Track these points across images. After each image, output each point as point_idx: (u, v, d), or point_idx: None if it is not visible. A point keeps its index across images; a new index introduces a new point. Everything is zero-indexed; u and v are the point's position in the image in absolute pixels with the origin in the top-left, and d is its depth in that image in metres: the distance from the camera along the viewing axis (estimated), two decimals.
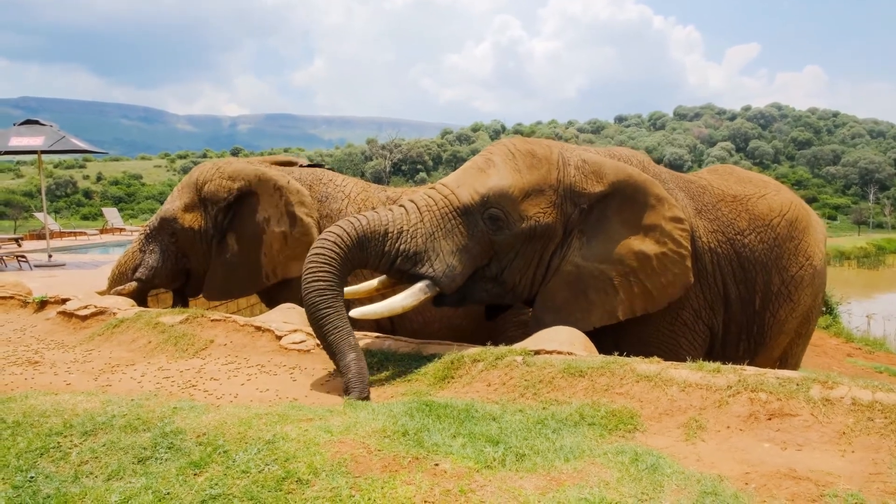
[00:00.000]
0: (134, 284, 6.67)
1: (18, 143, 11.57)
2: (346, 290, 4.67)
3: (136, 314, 5.85)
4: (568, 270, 4.91)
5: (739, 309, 5.45)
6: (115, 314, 5.94)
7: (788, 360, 5.96)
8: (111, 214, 27.16)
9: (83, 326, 5.92)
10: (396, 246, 4.57)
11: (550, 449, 2.92)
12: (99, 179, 67.27)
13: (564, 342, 4.29)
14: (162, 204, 6.98)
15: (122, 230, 24.70)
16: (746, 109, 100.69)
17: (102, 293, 6.89)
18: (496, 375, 3.99)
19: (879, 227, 69.14)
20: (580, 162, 4.98)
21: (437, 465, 2.72)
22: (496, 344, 4.48)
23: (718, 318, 5.41)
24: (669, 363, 3.82)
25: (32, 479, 2.80)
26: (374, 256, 4.55)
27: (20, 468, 2.90)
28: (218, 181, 6.55)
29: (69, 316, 6.11)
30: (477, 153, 5.32)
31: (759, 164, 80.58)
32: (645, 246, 4.92)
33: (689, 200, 5.42)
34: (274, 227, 6.35)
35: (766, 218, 5.52)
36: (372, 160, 78.48)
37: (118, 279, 6.85)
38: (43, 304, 6.63)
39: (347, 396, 3.97)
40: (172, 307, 6.69)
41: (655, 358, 3.90)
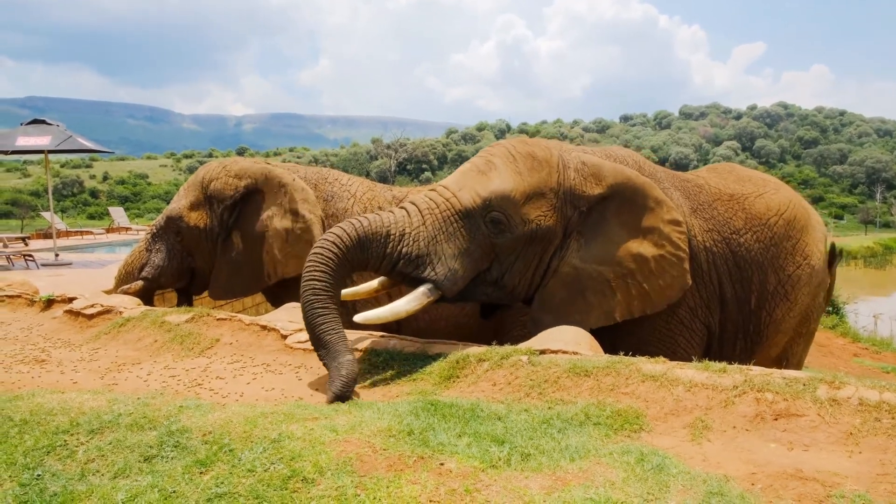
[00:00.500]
0: (140, 283, 6.69)
1: (25, 142, 11.61)
2: (346, 291, 4.69)
3: (142, 313, 5.86)
4: (566, 272, 4.91)
5: (735, 308, 5.45)
6: (121, 313, 5.95)
7: (789, 359, 5.94)
8: (117, 214, 27.28)
9: (89, 325, 5.93)
10: (399, 248, 4.55)
11: (556, 449, 2.92)
12: (105, 179, 67.49)
13: (570, 342, 4.28)
14: (168, 203, 6.99)
15: (128, 229, 24.80)
16: (752, 109, 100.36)
17: (109, 292, 6.91)
18: (501, 375, 3.99)
19: (886, 226, 68.87)
20: (579, 164, 4.99)
21: (442, 464, 2.72)
22: (501, 343, 4.48)
23: (715, 316, 5.41)
24: (675, 363, 3.81)
25: (39, 476, 2.81)
26: (374, 258, 4.53)
27: (27, 466, 2.91)
28: (224, 179, 6.56)
29: (76, 315, 6.12)
30: None
31: (765, 163, 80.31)
32: (643, 248, 4.93)
33: (684, 199, 5.42)
34: (276, 224, 6.35)
35: (762, 217, 5.51)
36: (377, 159, 78.53)
37: (125, 278, 6.86)
38: (49, 302, 6.66)
39: (330, 392, 3.89)
40: (177, 306, 6.70)
41: (661, 358, 3.89)
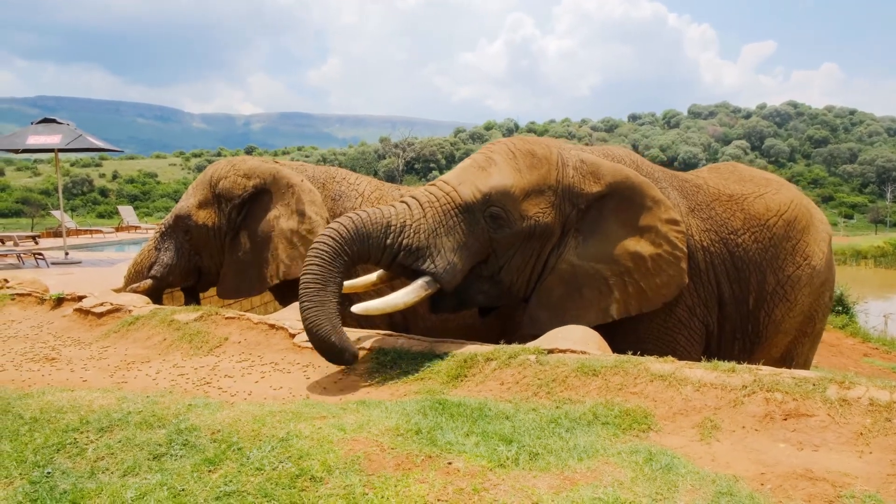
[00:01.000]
0: (149, 282, 6.72)
1: (36, 141, 11.68)
2: (347, 284, 4.73)
3: (151, 311, 5.89)
4: (563, 269, 4.95)
5: (733, 308, 5.45)
6: (130, 311, 5.98)
7: (794, 359, 5.90)
8: (126, 212, 27.39)
9: (99, 324, 5.96)
10: (399, 240, 4.58)
11: (564, 448, 2.92)
12: (115, 178, 67.81)
13: (578, 341, 4.27)
14: (177, 202, 7.02)
15: (137, 228, 24.91)
16: (762, 108, 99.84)
17: (118, 291, 6.95)
18: (509, 374, 3.98)
19: None
20: (578, 162, 5.02)
21: (450, 463, 2.72)
22: (509, 342, 4.47)
23: (713, 315, 5.41)
24: (683, 363, 3.80)
25: (49, 474, 2.83)
26: (375, 250, 4.56)
27: (37, 464, 2.93)
28: (233, 178, 6.58)
29: (85, 313, 6.16)
30: None
31: (774, 162, 79.91)
32: (640, 247, 4.96)
33: (682, 199, 5.43)
34: (283, 225, 6.36)
35: (761, 218, 5.49)
36: (385, 158, 78.60)
37: (134, 277, 6.90)
38: (59, 301, 6.69)
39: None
40: (185, 305, 6.73)
41: (669, 357, 3.88)
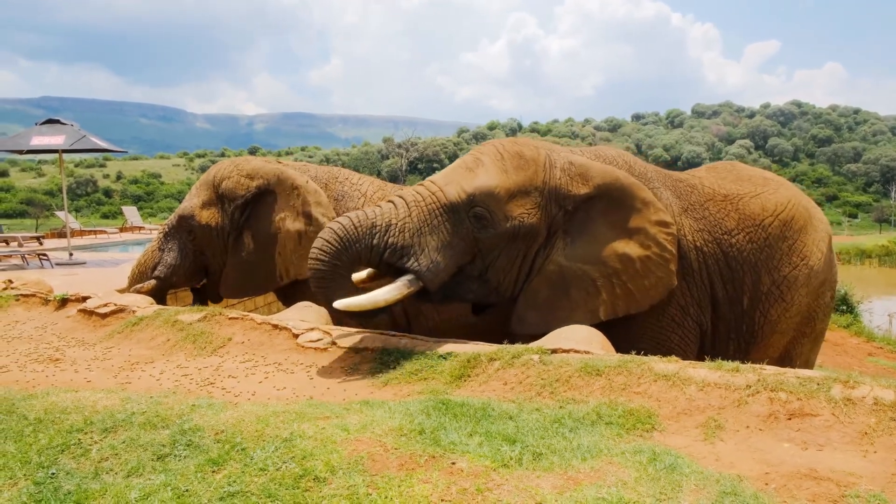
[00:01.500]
0: (153, 282, 6.73)
1: (40, 142, 11.71)
2: None
3: (155, 312, 5.90)
4: (551, 270, 4.97)
5: (728, 308, 5.43)
6: (134, 312, 5.99)
7: (794, 359, 5.85)
8: (130, 213, 27.44)
9: (103, 324, 5.97)
10: (385, 239, 4.70)
11: (567, 448, 2.91)
12: (119, 178, 67.95)
13: (581, 341, 4.27)
14: (180, 202, 7.03)
15: (141, 229, 24.96)
16: (766, 107, 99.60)
17: (122, 291, 6.96)
18: (513, 374, 3.98)
19: None
20: (567, 164, 5.04)
21: (453, 463, 2.72)
22: (513, 342, 4.47)
23: (707, 315, 5.40)
24: (687, 362, 3.79)
25: (53, 475, 2.84)
26: (364, 252, 4.70)
27: (41, 464, 2.94)
28: (236, 178, 6.59)
29: (89, 314, 6.17)
30: None
31: (778, 161, 79.74)
32: (629, 248, 4.96)
33: (675, 199, 5.42)
34: (289, 226, 6.36)
35: (756, 218, 5.46)
36: (388, 159, 78.59)
37: (138, 277, 6.91)
38: (64, 301, 6.71)
39: None
40: (193, 305, 6.74)
41: (673, 357, 3.87)
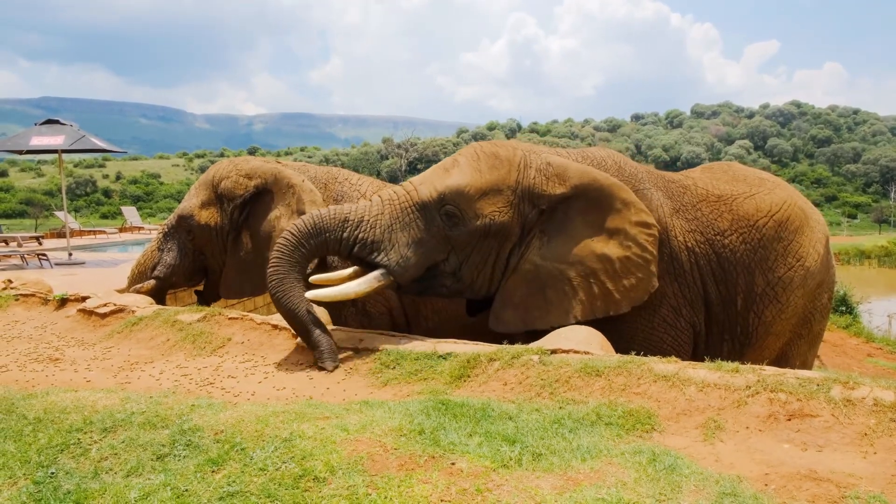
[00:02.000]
0: (152, 282, 6.72)
1: (39, 142, 11.71)
2: (318, 277, 5.03)
3: (154, 312, 5.90)
4: (526, 269, 5.01)
5: (721, 309, 5.42)
6: (133, 312, 5.99)
7: (790, 361, 5.81)
8: (130, 213, 27.44)
9: (103, 324, 5.97)
10: (355, 234, 4.88)
11: (567, 448, 2.91)
12: (118, 178, 67.93)
13: (581, 341, 4.27)
14: (180, 203, 7.03)
15: (140, 229, 24.96)
16: (765, 107, 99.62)
17: (121, 291, 6.96)
18: (512, 374, 3.98)
19: None
20: (544, 165, 5.08)
21: (453, 464, 2.72)
22: (512, 343, 4.47)
23: (700, 316, 5.39)
24: (687, 363, 3.79)
25: (53, 474, 2.84)
26: (332, 243, 4.89)
27: (41, 464, 2.94)
28: (235, 178, 6.59)
29: (89, 314, 6.17)
30: None
31: (777, 162, 79.78)
32: (608, 249, 4.97)
33: (666, 200, 5.42)
34: (283, 225, 6.36)
35: (751, 218, 5.45)
36: (388, 159, 78.57)
37: (137, 277, 6.90)
38: (63, 301, 6.71)
39: (320, 365, 4.58)
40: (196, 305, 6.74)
41: (673, 358, 3.88)
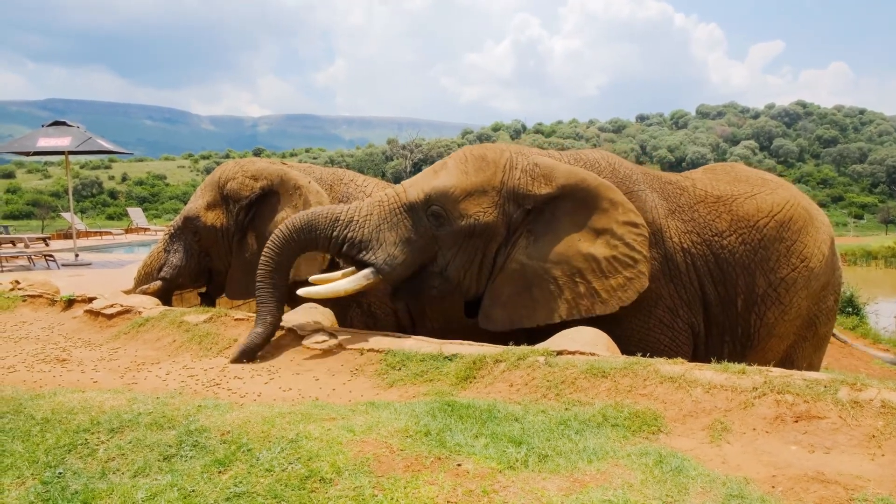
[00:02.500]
0: (158, 283, 6.74)
1: (46, 143, 11.75)
2: (314, 277, 5.33)
3: (160, 313, 5.92)
4: (513, 268, 5.08)
5: (720, 310, 5.39)
6: (140, 313, 6.01)
7: (795, 364, 5.75)
8: (136, 214, 27.53)
9: (109, 325, 6.00)
10: (344, 233, 5.08)
11: (573, 450, 2.91)
12: (124, 180, 68.06)
13: (587, 343, 4.27)
14: (185, 204, 7.05)
15: (146, 230, 25.03)
16: (770, 107, 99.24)
17: (128, 292, 6.98)
18: (518, 376, 3.98)
19: None
20: (530, 166, 5.15)
21: (459, 465, 2.72)
22: (518, 344, 4.47)
23: (698, 317, 5.37)
24: (693, 364, 3.79)
25: (61, 474, 2.85)
26: (322, 240, 5.11)
27: (49, 464, 2.95)
28: (240, 180, 6.60)
29: (96, 314, 6.19)
30: None
31: (783, 162, 79.50)
32: (594, 248, 5.00)
33: (662, 201, 5.42)
34: None
35: (751, 219, 5.42)
36: (392, 160, 78.56)
37: (144, 278, 6.93)
38: (70, 302, 6.73)
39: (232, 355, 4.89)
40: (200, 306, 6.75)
41: (679, 359, 3.87)
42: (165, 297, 6.82)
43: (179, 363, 4.91)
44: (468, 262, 5.10)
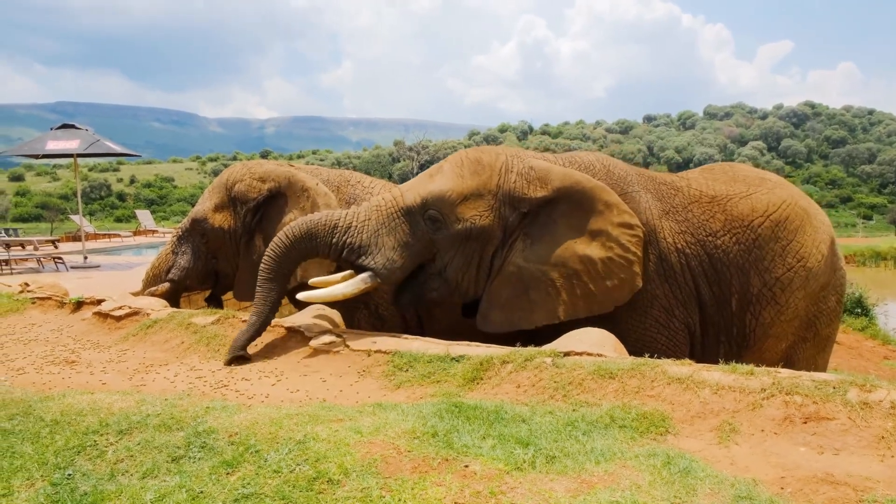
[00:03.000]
0: (167, 285, 6.76)
1: (56, 146, 11.83)
2: (314, 280, 5.31)
3: (169, 315, 5.94)
4: (510, 271, 5.11)
5: (715, 310, 5.40)
6: (148, 315, 6.03)
7: (796, 364, 5.67)
8: (144, 217, 27.66)
9: (118, 327, 6.02)
10: (343, 239, 5.14)
11: (581, 451, 2.90)
12: (132, 182, 68.35)
13: (594, 344, 4.26)
14: (193, 206, 7.07)
15: (154, 232, 25.14)
16: (778, 108, 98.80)
17: (136, 294, 7.01)
18: (525, 377, 3.98)
19: None
20: (526, 169, 5.18)
21: (466, 466, 2.72)
22: (525, 345, 4.47)
23: (694, 317, 5.38)
24: (701, 365, 3.77)
25: (70, 476, 2.86)
26: (322, 247, 5.18)
27: (58, 465, 2.96)
28: (248, 182, 6.62)
29: (104, 316, 6.22)
30: None
31: (791, 163, 79.18)
32: (590, 250, 5.03)
33: (656, 202, 5.43)
34: None
35: (745, 219, 5.40)
36: (399, 162, 78.61)
37: (152, 280, 6.95)
38: (79, 304, 6.77)
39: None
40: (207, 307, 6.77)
41: (687, 360, 3.86)
42: (173, 298, 6.84)
43: (187, 365, 4.93)
44: (465, 264, 5.15)
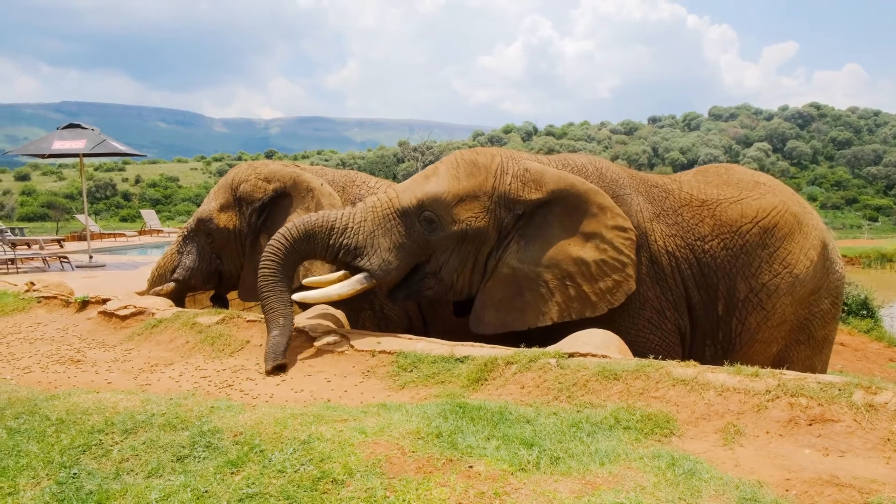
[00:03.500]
0: (172, 285, 6.78)
1: (61, 146, 11.86)
2: (309, 280, 5.32)
3: (174, 314, 5.95)
4: (504, 272, 5.14)
5: (703, 314, 5.43)
6: (153, 314, 6.04)
7: (792, 367, 5.60)
8: (149, 216, 27.70)
9: (123, 326, 6.04)
10: (340, 240, 5.14)
11: (585, 452, 2.90)
12: (137, 182, 68.52)
13: (599, 345, 4.26)
14: (198, 206, 7.08)
15: (159, 231, 25.18)
16: (784, 109, 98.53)
17: (141, 294, 7.03)
18: (530, 378, 3.98)
19: None
20: (521, 171, 5.20)
21: (471, 467, 2.72)
22: (529, 346, 4.47)
23: (685, 319, 5.41)
24: (706, 367, 3.77)
25: (75, 475, 2.87)
26: (320, 248, 5.17)
27: (63, 465, 2.98)
28: (254, 182, 6.63)
29: (110, 316, 6.23)
30: None
31: (796, 164, 78.99)
32: (584, 252, 5.06)
33: (647, 205, 5.45)
34: None
35: (734, 224, 5.41)
36: (404, 162, 78.63)
37: (157, 280, 6.97)
38: (84, 304, 6.78)
39: (265, 364, 4.69)
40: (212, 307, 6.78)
41: (692, 361, 3.85)
42: (178, 298, 6.86)
43: (192, 364, 4.94)
44: (461, 265, 5.18)
